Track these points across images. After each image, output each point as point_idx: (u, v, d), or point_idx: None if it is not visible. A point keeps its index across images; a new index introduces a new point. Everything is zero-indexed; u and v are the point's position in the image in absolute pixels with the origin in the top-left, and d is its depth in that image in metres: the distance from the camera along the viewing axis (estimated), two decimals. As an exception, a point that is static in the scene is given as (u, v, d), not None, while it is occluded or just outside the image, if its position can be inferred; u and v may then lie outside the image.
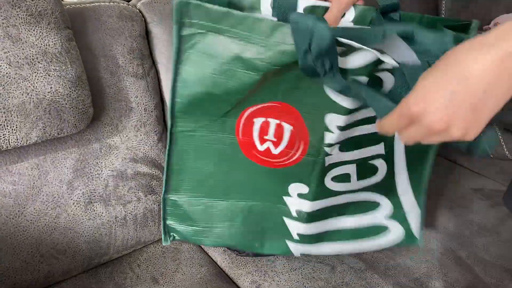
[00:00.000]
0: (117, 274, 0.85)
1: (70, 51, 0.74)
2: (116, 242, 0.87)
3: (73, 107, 0.74)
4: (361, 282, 0.84)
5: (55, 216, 0.80)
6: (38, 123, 0.71)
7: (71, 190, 0.81)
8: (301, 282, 0.84)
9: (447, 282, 0.84)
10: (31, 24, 0.69)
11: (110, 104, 0.85)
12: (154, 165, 0.91)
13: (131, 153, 0.87)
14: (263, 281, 0.85)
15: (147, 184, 0.90)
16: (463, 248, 0.92)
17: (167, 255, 0.91)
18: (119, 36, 0.86)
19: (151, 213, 0.91)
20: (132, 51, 0.87)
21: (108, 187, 0.85)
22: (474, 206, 1.06)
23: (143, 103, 0.88)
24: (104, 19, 0.85)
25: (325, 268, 0.87)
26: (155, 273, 0.86)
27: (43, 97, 0.71)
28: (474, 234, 0.96)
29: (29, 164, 0.77)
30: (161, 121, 0.93)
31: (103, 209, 0.85)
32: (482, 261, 0.89)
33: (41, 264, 0.79)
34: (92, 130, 0.83)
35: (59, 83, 0.72)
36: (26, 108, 0.70)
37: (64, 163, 0.80)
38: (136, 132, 0.88)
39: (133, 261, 0.89)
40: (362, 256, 0.90)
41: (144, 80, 0.89)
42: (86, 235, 0.83)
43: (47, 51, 0.71)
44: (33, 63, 0.70)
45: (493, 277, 0.85)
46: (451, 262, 0.88)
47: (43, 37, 0.71)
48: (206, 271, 0.87)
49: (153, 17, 0.91)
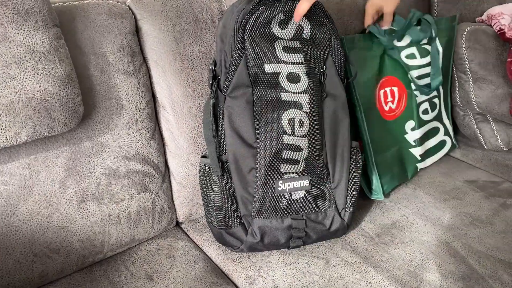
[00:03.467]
0: (112, 272, 0.85)
1: (59, 49, 0.74)
2: (110, 240, 0.87)
3: (63, 105, 0.74)
4: (355, 276, 0.84)
5: (48, 215, 0.79)
6: (27, 123, 0.71)
7: (63, 189, 0.81)
8: (296, 276, 0.84)
9: (442, 273, 0.84)
10: (18, 22, 0.69)
11: (101, 102, 0.84)
12: (146, 162, 0.90)
13: (123, 151, 0.87)
14: (258, 276, 0.85)
15: (140, 182, 0.90)
16: (458, 239, 0.92)
17: (162, 252, 0.91)
18: (109, 34, 0.85)
19: (145, 210, 0.91)
20: (122, 48, 0.87)
21: (100, 186, 0.85)
22: (468, 198, 1.06)
23: (134, 101, 0.88)
24: (93, 16, 0.84)
25: (320, 262, 0.88)
26: (150, 270, 0.86)
27: (32, 96, 0.70)
28: (468, 225, 0.96)
29: (20, 164, 0.77)
30: (153, 118, 0.93)
31: (96, 207, 0.84)
32: (476, 252, 0.89)
33: (35, 263, 0.79)
34: (83, 128, 0.83)
35: (48, 82, 0.72)
36: (15, 108, 0.69)
37: (56, 162, 0.80)
38: (127, 129, 0.87)
39: (128, 259, 0.89)
40: (356, 250, 0.90)
41: (135, 77, 0.88)
42: (79, 234, 0.83)
43: (35, 50, 0.71)
44: (21, 62, 0.69)
45: (487, 268, 0.85)
46: (445, 254, 0.89)
47: (31, 36, 0.70)
48: (201, 267, 0.87)
49: (143, 13, 0.91)
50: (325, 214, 0.90)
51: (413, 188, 1.11)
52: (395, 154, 1.11)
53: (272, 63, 0.83)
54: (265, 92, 0.83)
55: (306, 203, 0.89)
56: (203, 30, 0.95)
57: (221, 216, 0.87)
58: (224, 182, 0.86)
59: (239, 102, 0.83)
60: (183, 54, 0.93)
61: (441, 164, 1.22)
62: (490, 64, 1.15)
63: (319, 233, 0.90)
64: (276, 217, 0.87)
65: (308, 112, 0.85)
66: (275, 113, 0.84)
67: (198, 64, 0.94)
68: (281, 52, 0.83)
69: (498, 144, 1.24)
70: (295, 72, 0.84)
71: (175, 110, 0.93)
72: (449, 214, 1.00)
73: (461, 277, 0.83)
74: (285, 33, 0.83)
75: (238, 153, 0.84)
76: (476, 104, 1.20)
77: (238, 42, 0.81)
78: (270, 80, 0.83)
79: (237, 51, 0.81)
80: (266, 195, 0.85)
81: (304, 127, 0.85)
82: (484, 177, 1.15)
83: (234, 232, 0.88)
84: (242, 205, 0.87)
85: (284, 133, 0.84)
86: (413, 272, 0.84)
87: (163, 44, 0.91)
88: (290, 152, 0.85)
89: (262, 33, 0.81)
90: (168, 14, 0.92)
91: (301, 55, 0.84)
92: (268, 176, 0.85)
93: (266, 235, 0.87)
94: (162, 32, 0.91)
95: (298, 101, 0.85)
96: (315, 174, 0.88)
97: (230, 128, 0.84)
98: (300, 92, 0.85)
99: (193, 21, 0.95)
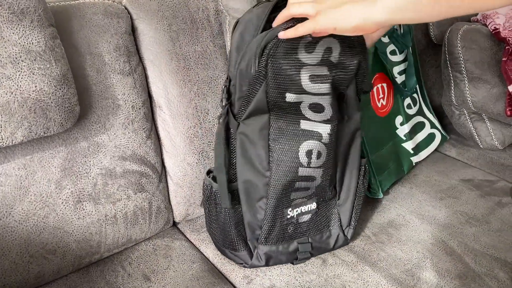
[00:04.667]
0: (109, 273, 0.85)
1: (55, 49, 0.73)
2: (107, 240, 0.87)
3: (59, 105, 0.74)
4: (352, 275, 0.84)
5: (44, 216, 0.79)
6: (23, 123, 0.70)
7: (59, 190, 0.80)
8: (293, 276, 0.84)
9: (438, 272, 0.84)
10: (14, 22, 0.69)
11: (97, 102, 0.84)
12: (143, 162, 0.90)
13: (119, 151, 0.87)
14: (255, 275, 0.85)
15: (136, 182, 0.89)
16: (454, 238, 0.93)
17: (159, 252, 0.90)
18: (105, 33, 0.85)
19: (141, 210, 0.91)
20: (118, 48, 0.86)
21: (97, 186, 0.84)
22: (464, 197, 1.06)
23: (131, 101, 0.88)
24: (89, 16, 0.84)
25: (317, 261, 0.88)
26: (147, 270, 0.86)
27: (28, 96, 0.70)
28: (464, 224, 0.97)
29: (15, 164, 0.76)
30: (150, 118, 0.92)
31: (93, 207, 0.84)
32: (472, 250, 0.89)
33: (31, 264, 0.79)
34: (79, 128, 0.82)
35: (44, 82, 0.71)
36: (10, 108, 0.69)
37: (52, 162, 0.80)
38: (124, 129, 0.87)
39: (124, 259, 0.89)
40: (353, 249, 0.91)
41: (131, 77, 0.88)
42: (76, 234, 0.83)
43: (30, 50, 0.70)
44: (16, 61, 0.69)
45: (483, 266, 0.85)
46: (442, 253, 0.89)
47: (26, 35, 0.70)
48: (198, 267, 0.87)
49: (139, 13, 0.90)
50: (330, 233, 0.89)
51: (409, 187, 1.11)
52: (390, 149, 1.12)
53: (295, 94, 0.73)
54: (283, 120, 0.76)
55: (312, 225, 0.86)
56: (199, 29, 0.95)
57: (226, 239, 0.85)
58: (232, 210, 0.82)
59: (253, 128, 0.76)
60: (179, 53, 0.93)
61: (437, 163, 1.22)
62: (485, 64, 1.16)
63: (321, 251, 0.89)
64: (282, 242, 0.85)
65: (327, 144, 0.78)
66: (291, 143, 0.77)
67: (194, 64, 0.94)
68: (307, 82, 0.72)
69: (493, 143, 1.25)
70: (319, 103, 0.75)
71: (172, 109, 0.93)
72: (445, 213, 1.00)
73: (458, 275, 0.83)
74: (312, 58, 0.71)
75: (249, 182, 0.80)
76: (472, 103, 1.21)
77: (261, 66, 0.70)
78: (290, 108, 0.75)
79: (257, 76, 0.71)
80: (275, 223, 0.83)
81: (321, 158, 0.79)
82: (480, 176, 1.15)
83: (239, 254, 0.86)
84: (249, 231, 0.84)
85: (300, 165, 0.78)
86: (409, 271, 0.85)
87: (159, 44, 0.91)
88: (303, 183, 0.81)
89: (287, 59, 0.70)
90: (164, 14, 0.92)
91: (328, 84, 0.73)
92: (279, 206, 0.81)
93: (272, 260, 0.85)
94: (158, 32, 0.91)
95: (318, 131, 0.77)
96: (323, 196, 0.85)
97: (242, 156, 0.79)
98: (322, 122, 0.77)
99: (189, 20, 0.94)
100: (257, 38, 0.71)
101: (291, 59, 0.70)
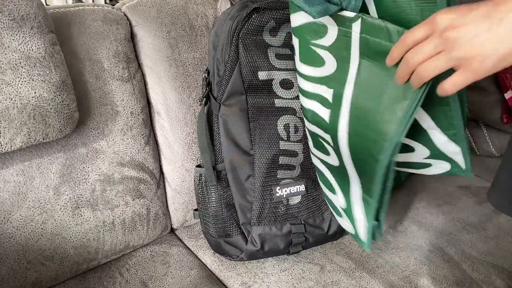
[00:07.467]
0: (106, 279, 0.85)
1: (54, 55, 0.74)
2: (105, 247, 0.87)
3: (58, 111, 0.74)
4: (350, 282, 0.84)
5: (42, 222, 0.79)
6: (22, 129, 0.70)
7: (57, 196, 0.80)
8: (291, 282, 0.84)
9: (436, 279, 0.84)
10: (14, 28, 0.69)
11: (96, 108, 0.84)
12: (141, 168, 0.90)
13: (118, 157, 0.87)
14: (253, 282, 0.85)
15: (134, 188, 0.89)
16: (451, 245, 0.93)
17: (156, 258, 0.90)
18: (104, 40, 0.85)
19: (139, 217, 0.91)
20: (117, 54, 0.87)
21: (95, 192, 0.84)
22: (461, 204, 1.07)
23: (129, 107, 0.88)
24: (88, 23, 0.84)
25: (315, 268, 0.88)
26: (145, 277, 0.85)
27: (27, 102, 0.70)
28: (461, 231, 0.97)
29: (14, 170, 0.76)
30: (148, 124, 0.93)
31: (91, 214, 0.84)
32: (469, 257, 0.89)
33: (29, 271, 0.78)
34: (78, 134, 0.82)
35: (43, 88, 0.72)
36: (10, 114, 0.69)
37: (50, 169, 0.80)
38: (122, 136, 0.87)
39: (122, 266, 0.88)
40: (351, 255, 0.91)
41: (130, 84, 0.88)
42: (73, 241, 0.83)
43: (30, 56, 0.70)
44: (16, 68, 0.69)
45: (480, 273, 0.85)
46: (439, 259, 0.89)
47: (26, 42, 0.70)
48: (196, 274, 0.87)
49: (138, 20, 0.91)
50: (322, 218, 0.91)
51: (406, 194, 1.12)
52: None
53: (266, 70, 0.83)
54: (259, 99, 0.84)
55: (303, 208, 0.89)
56: (198, 36, 0.96)
57: (219, 226, 0.87)
58: (222, 192, 0.86)
59: (233, 110, 0.84)
60: (178, 60, 0.93)
61: (434, 169, 1.23)
62: (481, 71, 1.17)
63: (317, 237, 0.90)
64: (275, 223, 0.87)
65: (302, 118, 0.86)
66: (270, 120, 0.85)
67: (193, 70, 0.95)
68: (274, 59, 0.83)
69: (490, 150, 1.25)
70: (288, 79, 0.85)
71: (170, 116, 0.93)
72: (442, 220, 1.01)
73: (455, 282, 0.84)
74: (276, 41, 0.83)
75: (235, 161, 0.85)
76: (469, 110, 1.21)
77: (232, 50, 0.81)
78: (263, 87, 0.84)
79: (231, 59, 0.81)
80: (264, 201, 0.86)
81: (299, 132, 0.86)
82: (477, 182, 1.16)
83: (234, 241, 0.87)
84: (240, 213, 0.86)
85: (280, 138, 0.85)
86: (407, 278, 0.85)
87: (158, 50, 0.91)
88: (286, 158, 0.86)
89: (255, 40, 0.82)
90: (163, 21, 0.92)
91: (293, 61, 0.84)
92: (266, 183, 0.85)
93: (266, 243, 0.87)
94: (157, 38, 0.91)
95: (292, 107, 0.86)
96: (310, 178, 0.89)
97: (226, 136, 0.84)
98: (293, 98, 0.85)
99: (188, 27, 0.95)
100: (227, 22, 0.82)
101: (258, 40, 0.82)
